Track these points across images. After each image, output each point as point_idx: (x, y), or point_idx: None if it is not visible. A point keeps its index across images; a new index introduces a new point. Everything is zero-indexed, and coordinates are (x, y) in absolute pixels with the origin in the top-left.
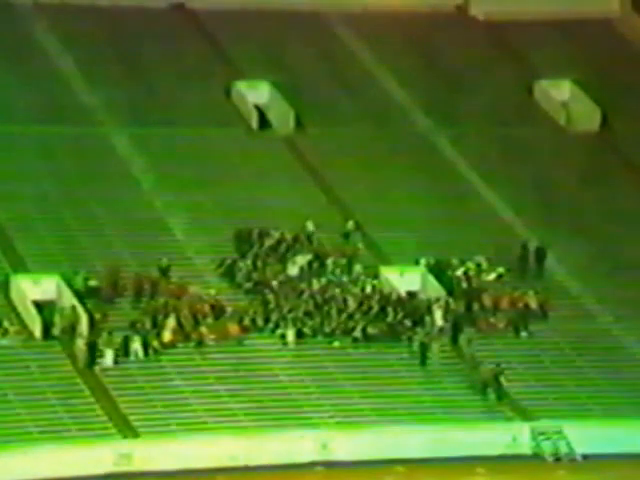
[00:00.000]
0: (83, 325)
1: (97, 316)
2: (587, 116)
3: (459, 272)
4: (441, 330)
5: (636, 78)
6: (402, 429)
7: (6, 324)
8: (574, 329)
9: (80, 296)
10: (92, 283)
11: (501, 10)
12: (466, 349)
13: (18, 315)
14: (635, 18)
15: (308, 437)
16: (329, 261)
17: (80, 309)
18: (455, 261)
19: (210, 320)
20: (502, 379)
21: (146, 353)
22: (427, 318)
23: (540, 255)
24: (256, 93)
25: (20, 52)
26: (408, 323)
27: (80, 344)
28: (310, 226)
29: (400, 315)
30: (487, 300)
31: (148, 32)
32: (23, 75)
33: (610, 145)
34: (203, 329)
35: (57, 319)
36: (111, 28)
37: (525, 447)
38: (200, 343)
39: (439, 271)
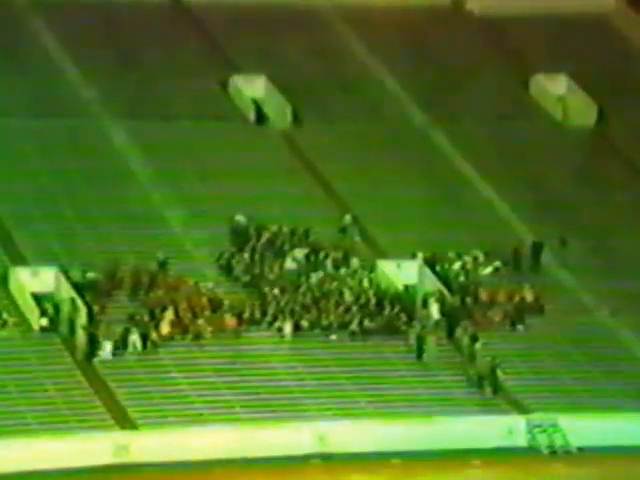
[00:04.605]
0: (82, 317)
1: (95, 308)
2: (583, 110)
3: (456, 266)
4: (437, 324)
5: (632, 73)
6: (398, 422)
7: (5, 316)
8: (570, 323)
9: (78, 288)
10: (90, 275)
11: (497, 5)
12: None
13: (17, 307)
14: (630, 13)
15: (305, 430)
16: (326, 255)
17: (78, 301)
18: (452, 255)
19: (208, 313)
20: (498, 372)
21: (144, 346)
22: (423, 312)
23: (536, 249)
24: (253, 87)
25: (17, 46)
26: (404, 317)
27: (79, 336)
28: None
29: (397, 309)
30: (483, 294)
31: (145, 26)
32: (20, 69)
33: (606, 139)
34: (201, 322)
35: (49, 309)
36: (108, 22)
37: (521, 440)
38: (198, 336)
39: (435, 265)
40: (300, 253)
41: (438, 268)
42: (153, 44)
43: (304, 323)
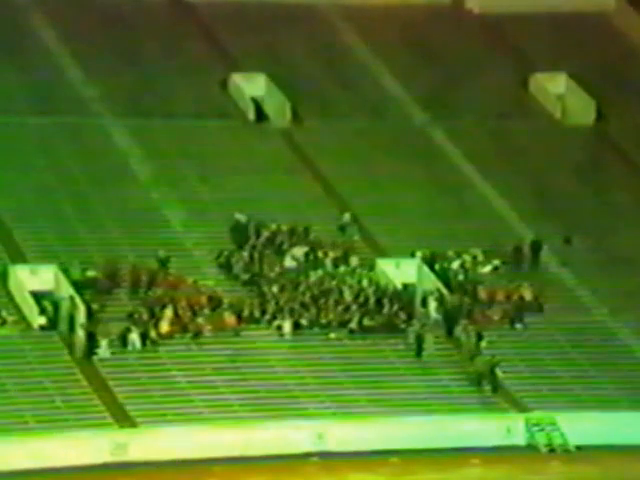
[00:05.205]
0: (81, 315)
1: (95, 307)
2: (582, 109)
3: (455, 264)
4: (436, 322)
5: (631, 71)
6: (397, 420)
7: (4, 314)
8: (569, 321)
9: (78, 287)
10: (90, 274)
11: (497, 3)
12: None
13: (16, 305)
14: (630, 12)
15: (304, 428)
16: (325, 253)
17: (78, 300)
18: (451, 253)
19: (207, 311)
20: (497, 371)
21: (144, 344)
22: (422, 310)
23: (536, 248)
24: (253, 85)
25: (18, 43)
26: (403, 315)
27: (78, 335)
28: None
29: (396, 307)
30: (482, 292)
31: (146, 24)
32: (22, 66)
33: (605, 138)
34: (200, 320)
35: (49, 307)
36: (109, 20)
37: (519, 438)
38: (197, 334)
39: (435, 263)
40: (299, 251)
41: (437, 267)
42: (154, 42)
43: (303, 321)
